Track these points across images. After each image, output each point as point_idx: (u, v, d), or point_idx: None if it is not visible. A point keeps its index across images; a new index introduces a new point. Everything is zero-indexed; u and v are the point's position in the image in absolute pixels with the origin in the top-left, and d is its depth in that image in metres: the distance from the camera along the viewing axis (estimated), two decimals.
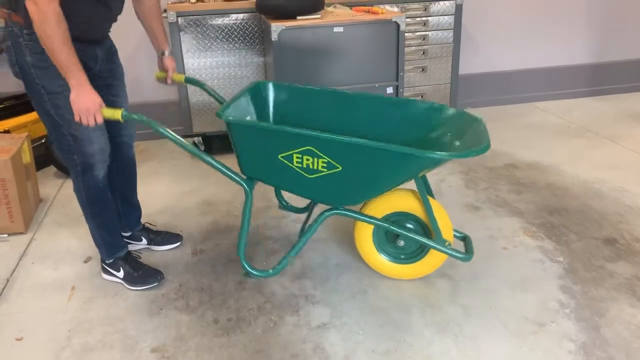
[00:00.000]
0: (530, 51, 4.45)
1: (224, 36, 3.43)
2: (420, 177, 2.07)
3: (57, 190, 3.26)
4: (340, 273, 2.32)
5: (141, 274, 2.28)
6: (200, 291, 2.25)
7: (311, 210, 2.49)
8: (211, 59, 3.47)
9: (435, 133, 2.20)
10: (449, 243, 2.15)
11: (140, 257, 2.41)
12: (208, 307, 2.15)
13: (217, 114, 2.01)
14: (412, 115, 2.26)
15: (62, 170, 3.37)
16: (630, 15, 4.54)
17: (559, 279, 2.24)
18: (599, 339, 1.91)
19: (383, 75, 3.16)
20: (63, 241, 2.68)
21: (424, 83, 3.75)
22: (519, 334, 1.95)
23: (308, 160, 1.99)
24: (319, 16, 3.06)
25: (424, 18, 3.61)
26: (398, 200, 2.18)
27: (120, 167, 2.37)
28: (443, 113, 2.21)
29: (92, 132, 2.05)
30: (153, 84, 3.88)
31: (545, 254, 2.42)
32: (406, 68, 3.63)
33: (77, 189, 2.16)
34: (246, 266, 2.20)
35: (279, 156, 2.02)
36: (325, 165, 1.98)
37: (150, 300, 2.21)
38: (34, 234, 2.77)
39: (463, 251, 2.19)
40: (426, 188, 2.19)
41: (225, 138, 2.50)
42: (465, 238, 2.31)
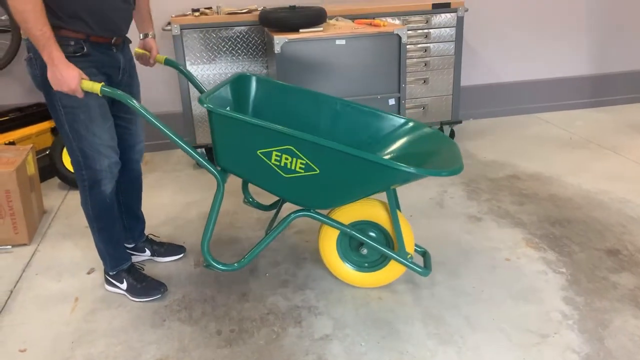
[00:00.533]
0: (531, 62, 4.48)
1: (227, 48, 3.46)
2: (391, 189, 2.12)
3: (61, 201, 3.27)
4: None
5: (144, 286, 2.29)
6: (203, 302, 2.26)
7: (278, 209, 2.51)
8: (214, 71, 3.50)
9: (410, 149, 2.25)
10: (411, 256, 2.21)
11: (143, 269, 2.42)
12: (211, 319, 2.16)
13: (199, 100, 2.01)
14: (389, 128, 2.33)
15: (66, 181, 3.39)
16: (630, 26, 4.56)
17: (562, 290, 2.24)
18: (603, 351, 1.90)
19: (385, 87, 3.18)
20: (67, 252, 2.69)
21: (426, 95, 3.77)
22: (522, 346, 1.94)
23: (287, 159, 2.00)
24: (322, 29, 3.09)
25: (426, 30, 3.64)
26: (366, 208, 2.22)
27: (127, 181, 2.39)
28: (421, 130, 2.27)
29: (102, 149, 2.06)
30: (157, 96, 3.91)
31: (548, 265, 2.42)
32: (408, 80, 3.65)
33: (84, 203, 2.17)
34: (209, 258, 2.15)
35: (258, 152, 2.02)
36: (303, 166, 2.00)
37: (153, 311, 2.21)
38: (38, 245, 2.78)
39: (422, 266, 2.26)
40: (395, 200, 2.23)
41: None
42: (425, 253, 2.37)
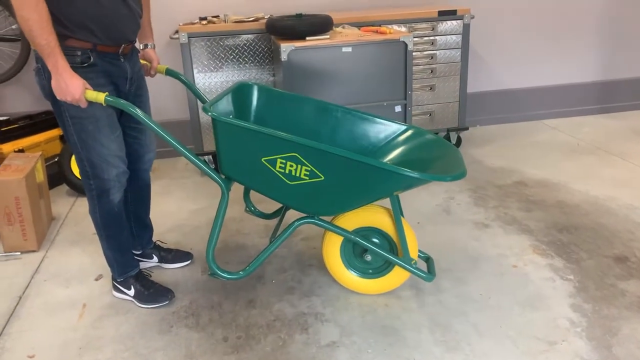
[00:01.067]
0: (538, 69, 4.48)
1: (235, 56, 3.48)
2: (394, 195, 2.13)
3: (70, 208, 3.30)
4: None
5: (152, 293, 2.30)
6: (210, 309, 2.26)
7: (282, 217, 2.51)
8: (222, 79, 3.52)
9: (413, 155, 2.26)
10: (415, 262, 2.21)
11: (151, 275, 2.43)
12: (218, 325, 2.16)
13: (204, 109, 2.01)
14: (390, 135, 2.34)
15: (75, 188, 3.41)
16: (638, 32, 4.55)
17: (570, 298, 2.23)
18: (611, 359, 1.89)
19: (391, 94, 3.19)
20: (75, 259, 2.71)
21: (432, 101, 3.77)
22: (530, 353, 1.93)
23: (291, 166, 2.00)
24: (328, 37, 3.11)
25: (432, 37, 3.65)
26: (369, 215, 2.22)
27: (135, 190, 2.40)
28: (422, 137, 2.28)
29: (111, 159, 2.08)
30: (165, 104, 3.94)
31: (555, 272, 2.41)
32: (414, 87, 3.66)
33: (93, 212, 2.19)
34: (214, 267, 2.16)
35: (263, 159, 2.02)
36: (307, 173, 2.00)
37: (160, 318, 2.22)
38: (47, 252, 2.80)
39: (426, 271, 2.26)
40: (398, 207, 2.23)
41: None
42: (428, 259, 2.37)
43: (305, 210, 2.17)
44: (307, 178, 2.01)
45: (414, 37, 3.56)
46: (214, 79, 3.51)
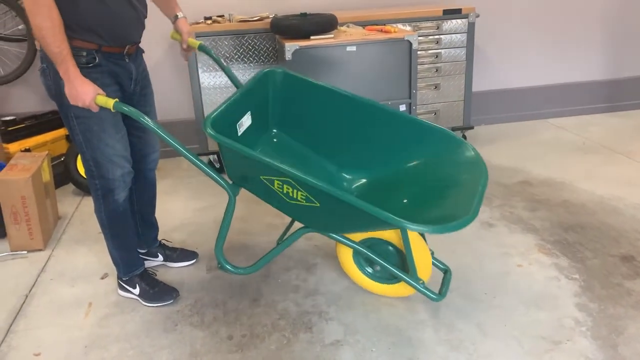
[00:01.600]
0: (543, 67, 4.46)
1: (239, 56, 3.49)
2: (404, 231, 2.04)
3: (75, 207, 3.32)
4: (354, 290, 2.33)
5: (157, 291, 2.31)
6: (214, 307, 2.27)
7: (290, 225, 2.50)
8: (226, 78, 3.52)
9: (435, 174, 2.13)
10: (423, 282, 2.11)
11: (156, 274, 2.44)
12: (222, 324, 2.17)
13: (203, 125, 1.94)
14: (428, 142, 2.19)
15: (81, 188, 3.43)
16: None
17: (575, 297, 2.22)
18: (617, 358, 1.88)
19: (396, 93, 3.18)
20: (80, 258, 2.72)
21: (437, 100, 3.77)
22: (535, 353, 1.93)
23: (288, 189, 1.94)
24: (332, 36, 3.11)
25: (437, 36, 3.65)
26: None
27: (141, 189, 2.41)
28: (454, 151, 2.11)
29: (115, 158, 2.09)
30: (170, 104, 3.96)
31: (560, 272, 2.40)
32: (419, 85, 3.65)
33: (98, 211, 2.20)
34: (222, 260, 2.15)
35: (261, 177, 1.98)
36: (304, 198, 1.93)
37: (165, 316, 2.23)
38: (53, 251, 2.81)
39: (442, 281, 2.19)
40: None
41: None
42: (446, 271, 2.27)
43: (306, 224, 2.14)
44: (304, 201, 1.95)
45: (419, 36, 3.55)
46: (219, 79, 3.51)
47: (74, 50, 1.91)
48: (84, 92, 1.88)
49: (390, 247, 2.19)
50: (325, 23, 3.10)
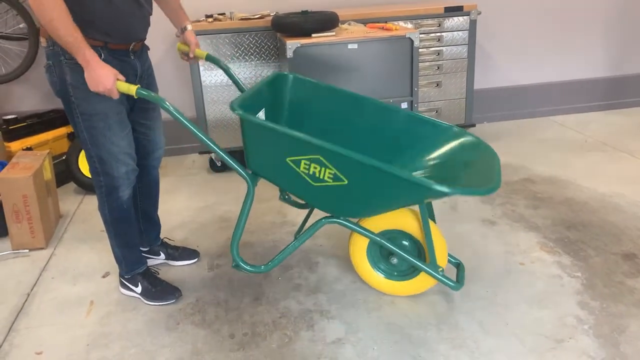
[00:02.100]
0: (545, 65, 4.45)
1: (241, 54, 3.49)
2: (422, 207, 2.07)
3: (77, 206, 3.32)
4: (355, 289, 2.32)
5: (159, 290, 2.31)
6: (216, 306, 2.27)
7: (309, 212, 2.49)
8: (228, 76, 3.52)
9: (449, 158, 2.19)
10: (442, 269, 2.14)
11: (158, 273, 2.44)
12: (224, 322, 2.17)
13: (230, 107, 2.00)
14: (431, 135, 2.25)
15: (82, 186, 3.43)
16: None
17: (577, 295, 2.22)
18: (619, 356, 1.88)
19: (397, 90, 3.18)
20: (82, 256, 2.73)
21: (439, 98, 3.76)
22: (537, 351, 1.93)
23: (315, 168, 1.97)
24: (334, 33, 3.10)
25: (438, 34, 3.64)
26: (397, 217, 2.17)
27: (144, 187, 2.41)
28: (461, 139, 2.19)
29: (120, 156, 2.09)
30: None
31: (562, 270, 2.39)
32: (421, 83, 3.65)
33: (102, 208, 2.20)
34: (237, 259, 2.16)
35: (287, 159, 2.00)
36: (331, 176, 1.97)
37: (167, 315, 2.23)
38: (54, 249, 2.82)
39: (454, 278, 2.22)
40: (429, 211, 2.17)
41: (240, 153, 2.53)
42: (459, 265, 2.30)
43: (329, 211, 2.14)
44: (331, 181, 1.97)
45: (421, 34, 3.55)
46: (220, 77, 3.51)
47: None
48: (105, 76, 1.88)
49: (405, 242, 2.22)
50: (326, 21, 3.09)
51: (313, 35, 3.06)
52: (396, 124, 2.32)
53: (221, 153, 2.06)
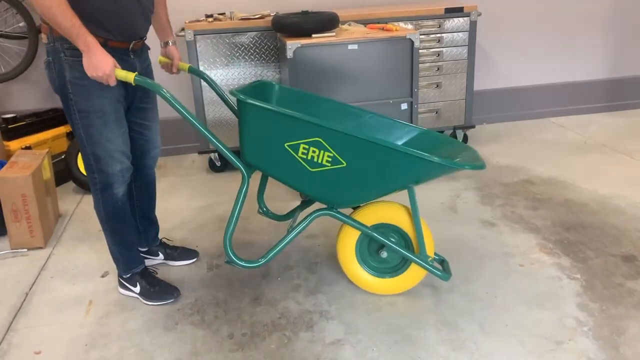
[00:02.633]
0: (545, 66, 4.45)
1: (241, 54, 3.48)
2: (412, 192, 2.15)
3: (76, 205, 3.31)
4: (355, 289, 2.32)
5: (157, 290, 2.30)
6: (215, 306, 2.27)
7: (296, 216, 2.50)
8: (227, 76, 3.52)
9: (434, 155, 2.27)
10: (432, 259, 2.21)
11: (157, 273, 2.44)
12: (223, 322, 2.16)
13: (232, 92, 2.04)
14: (408, 138, 2.35)
15: (81, 185, 3.43)
16: None
17: (577, 297, 2.22)
18: (619, 358, 1.88)
19: (397, 91, 3.17)
20: (81, 256, 2.72)
21: (439, 99, 3.76)
22: (536, 352, 1.92)
23: (314, 152, 2.01)
24: (334, 34, 3.10)
25: (438, 35, 3.64)
26: (387, 211, 2.22)
27: (141, 186, 2.41)
28: (439, 139, 2.29)
29: (115, 154, 2.09)
30: None
31: (562, 271, 2.39)
32: (421, 84, 3.65)
33: (97, 206, 2.20)
34: (230, 254, 2.16)
35: (286, 144, 2.03)
36: (330, 159, 2.00)
37: (166, 315, 2.23)
38: (53, 249, 2.81)
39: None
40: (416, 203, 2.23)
41: (239, 152, 2.52)
42: (443, 262, 2.34)
43: (323, 199, 2.17)
44: (329, 165, 2.02)
45: (421, 35, 3.54)
46: (220, 77, 3.51)
47: None
48: (104, 62, 1.88)
49: (394, 237, 2.25)
50: (326, 21, 3.09)
51: (313, 35, 3.05)
52: (380, 131, 2.38)
53: (217, 143, 2.09)
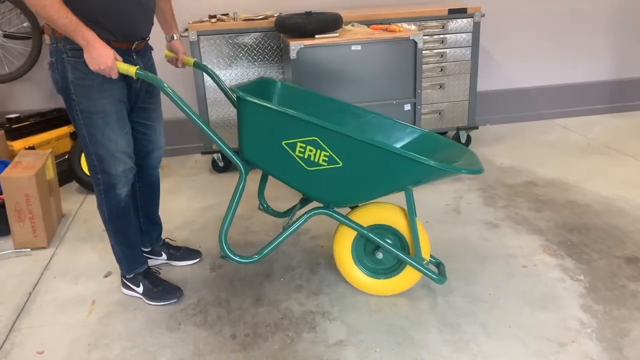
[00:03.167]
0: (549, 67, 4.44)
1: (244, 54, 3.49)
2: (409, 193, 2.14)
3: (79, 205, 3.32)
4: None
5: (160, 290, 2.30)
6: (218, 306, 2.27)
7: (294, 213, 2.51)
8: (230, 77, 3.52)
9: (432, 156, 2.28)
10: (427, 262, 2.21)
11: (159, 273, 2.44)
12: (226, 323, 2.16)
13: (231, 89, 2.06)
14: (408, 139, 2.36)
15: (84, 186, 3.43)
16: None
17: (580, 298, 2.21)
18: None
19: (401, 92, 3.17)
20: (84, 256, 2.72)
21: (442, 100, 3.75)
22: (539, 354, 1.92)
23: (311, 151, 2.01)
24: (337, 35, 3.10)
25: (442, 36, 3.63)
26: (384, 213, 2.22)
27: (144, 186, 2.41)
28: (439, 141, 2.29)
29: (118, 154, 2.09)
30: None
31: (565, 273, 2.39)
32: (424, 85, 3.64)
33: (100, 206, 2.20)
34: (225, 248, 2.16)
35: (283, 142, 2.03)
36: (326, 159, 2.01)
37: (168, 315, 2.23)
38: (56, 249, 2.81)
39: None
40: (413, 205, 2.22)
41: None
42: (439, 265, 2.33)
43: (320, 198, 2.17)
44: (326, 164, 2.02)
45: (424, 35, 3.54)
46: (223, 78, 3.51)
47: None
48: (105, 54, 1.88)
49: (390, 238, 2.25)
50: (330, 22, 3.09)
51: (316, 36, 3.05)
52: (381, 132, 2.38)
53: (216, 139, 2.10)
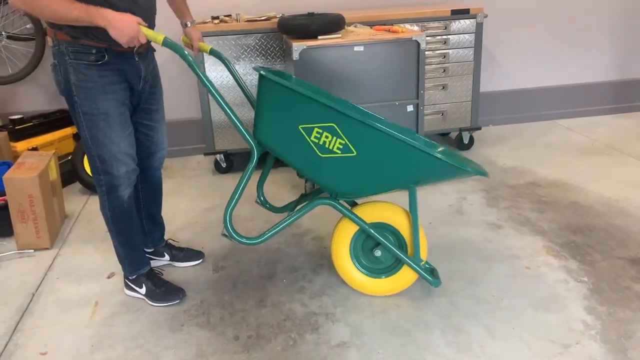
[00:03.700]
0: (552, 68, 4.43)
1: (246, 55, 3.49)
2: (413, 191, 2.15)
3: (82, 206, 3.32)
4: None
5: (163, 291, 2.31)
6: (221, 308, 2.27)
7: (295, 205, 2.51)
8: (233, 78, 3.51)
9: None
10: (425, 263, 2.22)
11: (162, 274, 2.44)
12: (229, 324, 2.16)
13: (255, 68, 2.08)
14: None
15: (87, 187, 3.44)
16: None
17: (584, 300, 2.20)
18: None
19: (403, 93, 3.17)
20: (87, 257, 2.73)
21: (445, 101, 3.75)
22: (543, 356, 1.91)
23: (327, 137, 2.01)
24: (340, 35, 3.10)
25: (445, 36, 3.63)
26: (387, 211, 2.24)
27: (147, 187, 2.42)
28: (442, 150, 2.31)
29: (120, 156, 2.09)
30: (177, 103, 3.96)
31: (569, 274, 2.38)
32: (427, 86, 3.64)
33: (103, 207, 2.20)
34: (229, 228, 2.16)
35: (300, 126, 2.03)
36: (341, 147, 2.01)
37: (171, 316, 2.23)
38: (59, 250, 2.82)
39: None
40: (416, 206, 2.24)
41: (246, 155, 2.53)
42: (433, 271, 2.33)
43: (328, 187, 2.17)
44: (339, 152, 2.02)
45: (427, 36, 3.54)
46: (226, 78, 3.51)
47: (84, 48, 1.93)
48: (127, 22, 1.85)
49: (389, 237, 2.26)
50: (332, 23, 3.09)
51: (319, 37, 3.05)
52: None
53: (232, 117, 2.12)
